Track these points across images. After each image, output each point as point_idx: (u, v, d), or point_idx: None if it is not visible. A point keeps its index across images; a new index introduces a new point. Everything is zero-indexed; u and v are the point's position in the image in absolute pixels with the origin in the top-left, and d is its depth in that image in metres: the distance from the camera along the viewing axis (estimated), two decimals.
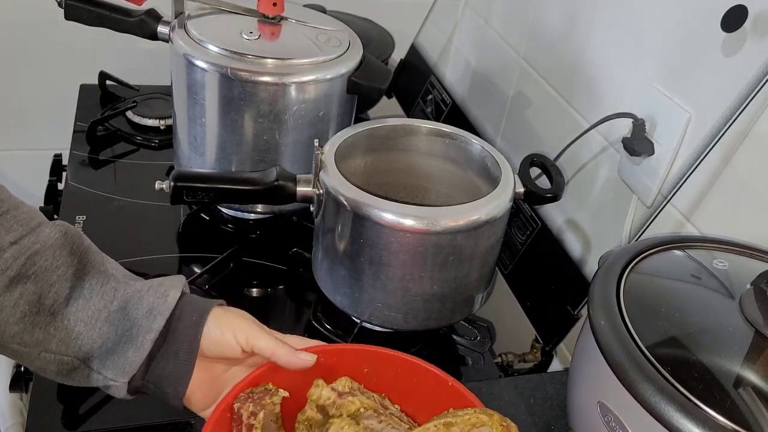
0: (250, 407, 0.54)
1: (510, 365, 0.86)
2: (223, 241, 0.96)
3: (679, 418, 0.46)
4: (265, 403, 0.55)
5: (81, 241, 0.56)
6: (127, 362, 0.53)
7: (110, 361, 0.53)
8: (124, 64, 1.27)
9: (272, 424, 0.55)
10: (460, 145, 0.87)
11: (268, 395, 0.56)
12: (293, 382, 0.57)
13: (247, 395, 0.55)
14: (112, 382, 0.54)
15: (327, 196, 0.76)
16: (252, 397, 0.55)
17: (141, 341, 0.53)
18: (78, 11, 0.93)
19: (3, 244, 0.51)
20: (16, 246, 0.52)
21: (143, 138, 1.16)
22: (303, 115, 0.88)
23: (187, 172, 0.82)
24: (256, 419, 0.53)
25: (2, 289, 0.51)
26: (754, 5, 0.63)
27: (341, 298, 0.81)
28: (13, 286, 0.51)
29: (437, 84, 1.26)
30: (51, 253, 0.53)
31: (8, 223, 0.52)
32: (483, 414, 0.54)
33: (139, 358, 0.53)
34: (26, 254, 0.52)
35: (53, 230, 0.54)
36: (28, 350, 0.53)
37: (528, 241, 0.95)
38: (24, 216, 0.54)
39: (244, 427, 0.53)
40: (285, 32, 0.93)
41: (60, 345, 0.53)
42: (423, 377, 0.59)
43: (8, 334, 0.52)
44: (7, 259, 0.51)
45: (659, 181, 0.75)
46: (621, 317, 0.54)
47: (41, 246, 0.53)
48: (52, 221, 0.55)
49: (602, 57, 0.87)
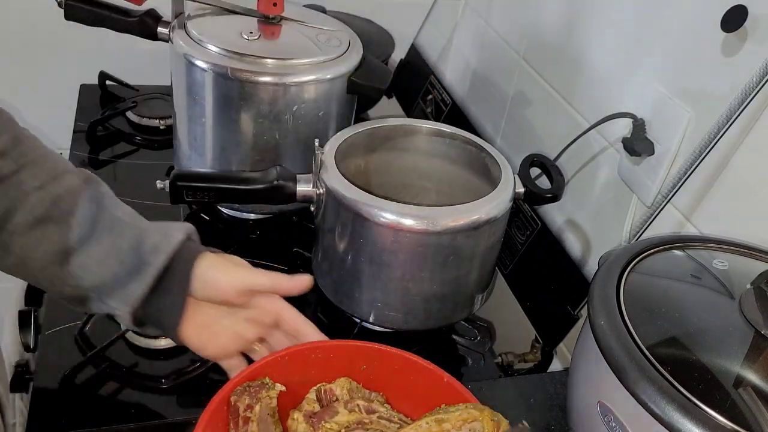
0: (247, 400, 0.55)
1: (510, 365, 0.86)
2: (223, 241, 0.96)
3: (679, 418, 0.46)
4: (262, 396, 0.55)
5: (99, 187, 0.61)
6: (130, 294, 0.58)
7: (116, 292, 0.58)
8: (124, 64, 1.27)
9: (268, 418, 0.55)
10: (460, 145, 0.87)
11: (264, 389, 0.56)
12: (291, 377, 0.58)
13: (243, 389, 0.56)
14: (117, 311, 0.59)
15: (327, 196, 0.76)
16: (249, 391, 0.55)
17: (143, 275, 0.58)
18: (78, 11, 0.93)
19: (29, 189, 0.57)
20: (42, 191, 0.57)
21: (143, 138, 1.16)
22: (303, 115, 0.88)
23: (187, 172, 0.82)
24: (253, 412, 0.54)
25: (28, 228, 0.56)
26: (754, 5, 0.63)
27: (341, 298, 0.81)
28: (37, 226, 0.57)
29: (437, 84, 1.26)
30: (73, 199, 0.58)
31: (35, 170, 0.58)
32: (474, 409, 0.54)
33: (141, 290, 0.58)
34: (50, 198, 0.57)
35: (75, 178, 0.60)
36: (50, 281, 0.58)
37: (528, 241, 0.95)
38: (50, 165, 0.59)
39: (241, 420, 0.54)
40: (285, 32, 0.93)
41: (76, 279, 0.58)
42: (419, 374, 0.59)
43: (31, 268, 0.58)
44: (33, 202, 0.57)
45: (659, 181, 0.75)
46: (621, 317, 0.54)
47: (64, 191, 0.58)
48: (75, 168, 0.61)
49: (602, 57, 0.87)
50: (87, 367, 0.74)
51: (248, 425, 0.54)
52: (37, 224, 0.56)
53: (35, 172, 0.58)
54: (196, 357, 0.63)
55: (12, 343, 1.01)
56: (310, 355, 0.59)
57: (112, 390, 0.74)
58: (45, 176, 0.58)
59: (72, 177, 0.59)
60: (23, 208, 0.56)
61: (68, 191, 0.58)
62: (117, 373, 0.75)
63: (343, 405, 0.57)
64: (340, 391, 0.58)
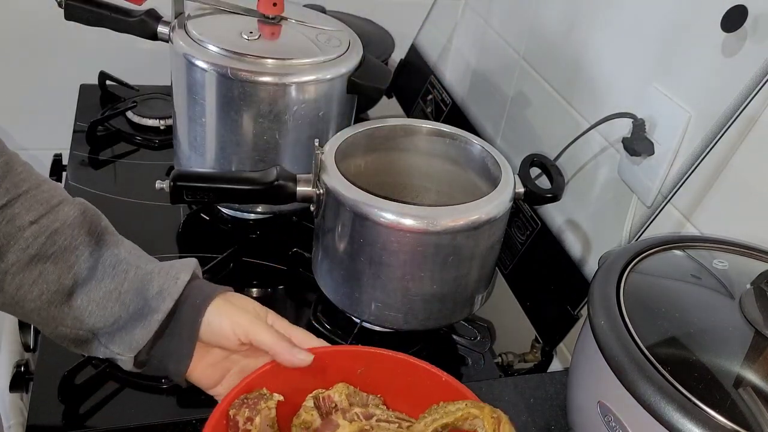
0: (246, 413, 0.54)
1: (510, 365, 0.86)
2: (223, 241, 0.96)
3: (679, 418, 0.46)
4: (261, 408, 0.55)
5: (99, 221, 0.58)
6: (134, 339, 0.56)
7: (118, 337, 0.56)
8: (124, 64, 1.27)
9: (268, 429, 0.55)
10: (460, 145, 0.87)
11: (263, 400, 0.55)
12: (287, 386, 0.57)
13: (241, 401, 0.55)
14: (119, 356, 0.56)
15: (327, 196, 0.76)
16: (247, 403, 0.55)
17: (149, 320, 0.56)
18: (78, 11, 0.93)
19: (23, 224, 0.53)
20: (36, 225, 0.54)
21: (143, 138, 1.16)
22: (303, 115, 0.88)
23: (187, 172, 0.82)
24: (253, 425, 0.53)
25: (22, 267, 0.53)
26: (754, 5, 0.63)
27: (341, 298, 0.81)
28: (33, 265, 0.53)
29: (437, 84, 1.26)
30: (70, 232, 0.55)
31: (29, 202, 0.54)
32: (474, 407, 0.54)
33: (146, 335, 0.56)
34: (46, 233, 0.54)
35: (72, 209, 0.56)
36: (46, 322, 0.55)
37: (528, 241, 0.95)
38: (44, 195, 0.55)
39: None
40: (285, 32, 0.93)
41: (74, 321, 0.55)
42: (417, 375, 0.59)
43: (27, 309, 0.54)
44: (27, 238, 0.53)
45: (659, 181, 0.75)
46: (621, 317, 0.54)
47: (60, 225, 0.55)
48: (72, 198, 0.57)
49: (602, 57, 0.87)
50: (87, 367, 0.74)
51: None
52: (33, 263, 0.53)
53: (29, 204, 0.54)
54: None
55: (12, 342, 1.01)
56: None
57: (112, 390, 0.74)
58: (40, 208, 0.54)
59: (68, 208, 0.56)
60: (17, 245, 0.53)
61: (65, 224, 0.55)
62: (117, 373, 0.75)
63: (342, 415, 0.56)
64: (339, 397, 0.58)
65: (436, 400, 0.57)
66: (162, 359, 0.58)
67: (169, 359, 0.57)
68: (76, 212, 0.56)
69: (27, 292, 0.54)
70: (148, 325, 0.55)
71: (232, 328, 0.57)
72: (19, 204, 0.53)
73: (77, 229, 0.55)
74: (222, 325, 0.57)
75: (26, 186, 0.55)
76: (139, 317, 0.56)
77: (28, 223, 0.53)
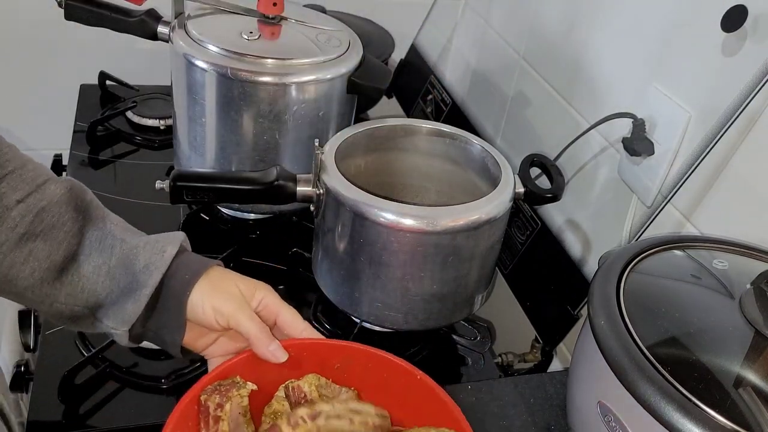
0: (217, 399, 0.54)
1: (510, 365, 0.86)
2: (223, 241, 0.96)
3: (679, 418, 0.46)
4: (232, 395, 0.54)
5: (84, 196, 0.58)
6: (126, 313, 0.56)
7: (112, 311, 0.56)
8: (124, 64, 1.27)
9: (240, 417, 0.55)
10: (460, 145, 0.87)
11: (235, 388, 0.55)
12: (264, 375, 0.57)
13: (214, 387, 0.55)
14: (114, 331, 0.57)
15: (327, 196, 0.76)
16: (219, 390, 0.54)
17: (138, 294, 0.55)
18: (78, 11, 0.93)
19: (10, 203, 0.54)
20: (23, 204, 0.54)
21: (143, 138, 1.16)
22: (303, 115, 0.88)
23: (186, 172, 0.82)
24: (223, 411, 0.53)
25: (12, 246, 0.53)
26: (754, 5, 0.63)
27: (341, 298, 0.81)
28: (22, 243, 0.54)
29: (437, 84, 1.26)
30: (57, 210, 0.55)
31: (14, 182, 0.55)
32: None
33: (137, 310, 0.55)
34: (33, 212, 0.54)
35: (58, 186, 0.56)
36: (41, 300, 0.56)
37: (528, 241, 0.95)
38: (30, 174, 0.56)
39: (211, 419, 0.53)
40: (285, 32, 0.93)
41: (68, 297, 0.55)
42: (393, 371, 0.58)
43: (20, 287, 0.55)
44: (15, 217, 0.54)
45: (659, 181, 0.75)
46: (621, 317, 0.54)
47: (47, 203, 0.55)
48: (58, 177, 0.58)
49: (602, 57, 0.87)
50: (87, 367, 0.74)
51: (219, 424, 0.53)
52: (22, 241, 0.54)
53: (15, 183, 0.54)
54: (196, 357, 0.62)
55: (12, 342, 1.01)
56: None
57: (112, 390, 0.74)
58: (26, 187, 0.55)
59: (54, 186, 0.56)
60: (5, 225, 0.53)
61: (51, 202, 0.55)
62: (117, 373, 0.75)
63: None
64: (308, 388, 0.57)
65: (410, 398, 0.57)
66: (157, 331, 0.58)
67: (164, 331, 0.58)
68: (63, 189, 0.56)
69: (19, 271, 0.54)
70: (138, 300, 0.55)
71: (214, 316, 0.57)
72: (5, 184, 0.54)
73: (64, 206, 0.56)
74: (205, 311, 0.57)
75: (12, 166, 0.55)
76: (128, 291, 0.56)
77: (15, 202, 0.54)
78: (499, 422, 0.70)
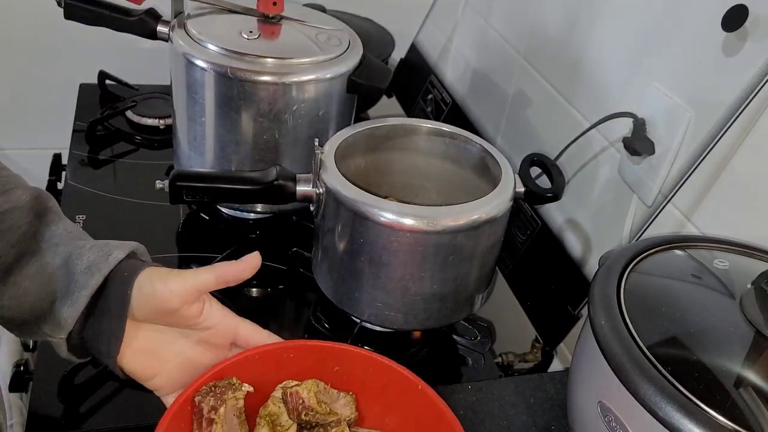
0: (211, 401, 0.53)
1: (510, 365, 0.86)
2: (222, 241, 0.96)
3: (679, 418, 0.46)
4: (227, 397, 0.54)
5: (47, 203, 0.58)
6: (62, 318, 0.52)
7: (50, 316, 0.53)
8: (124, 64, 1.27)
9: (234, 419, 0.54)
10: (460, 144, 0.87)
11: (231, 389, 0.54)
12: (259, 376, 0.56)
13: (209, 389, 0.54)
14: (51, 338, 0.54)
15: (327, 195, 0.76)
16: (214, 391, 0.54)
17: (76, 297, 0.52)
18: (77, 11, 0.93)
19: None
20: None
21: (143, 138, 1.16)
22: (303, 115, 0.88)
23: (186, 172, 0.82)
24: (217, 414, 0.52)
25: None
26: (754, 5, 0.63)
27: (341, 298, 0.81)
28: None
29: (437, 83, 1.26)
30: (18, 213, 0.55)
31: None
32: None
33: (74, 314, 0.52)
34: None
35: (25, 193, 0.56)
36: None
37: (528, 241, 0.95)
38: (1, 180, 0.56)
39: (204, 421, 0.52)
40: (285, 32, 0.92)
41: (11, 300, 0.53)
42: (393, 378, 0.58)
43: None
44: None
45: (660, 181, 0.75)
46: (621, 317, 0.54)
47: (11, 206, 0.55)
48: (29, 186, 0.57)
49: (602, 57, 0.87)
50: (87, 367, 0.74)
51: (212, 427, 0.52)
52: None
53: None
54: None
55: (12, 342, 1.01)
56: (282, 355, 0.58)
57: (112, 390, 0.74)
58: None
59: (21, 192, 0.56)
60: None
61: (15, 207, 0.55)
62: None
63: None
64: (307, 394, 0.56)
65: (409, 406, 0.57)
66: (92, 341, 0.54)
67: (100, 340, 0.53)
68: (28, 197, 0.56)
69: None
70: (76, 302, 0.52)
71: (166, 287, 0.54)
72: None
73: (26, 211, 0.55)
74: (155, 288, 0.54)
75: None
76: (66, 294, 0.52)
77: None
78: (499, 422, 0.70)
